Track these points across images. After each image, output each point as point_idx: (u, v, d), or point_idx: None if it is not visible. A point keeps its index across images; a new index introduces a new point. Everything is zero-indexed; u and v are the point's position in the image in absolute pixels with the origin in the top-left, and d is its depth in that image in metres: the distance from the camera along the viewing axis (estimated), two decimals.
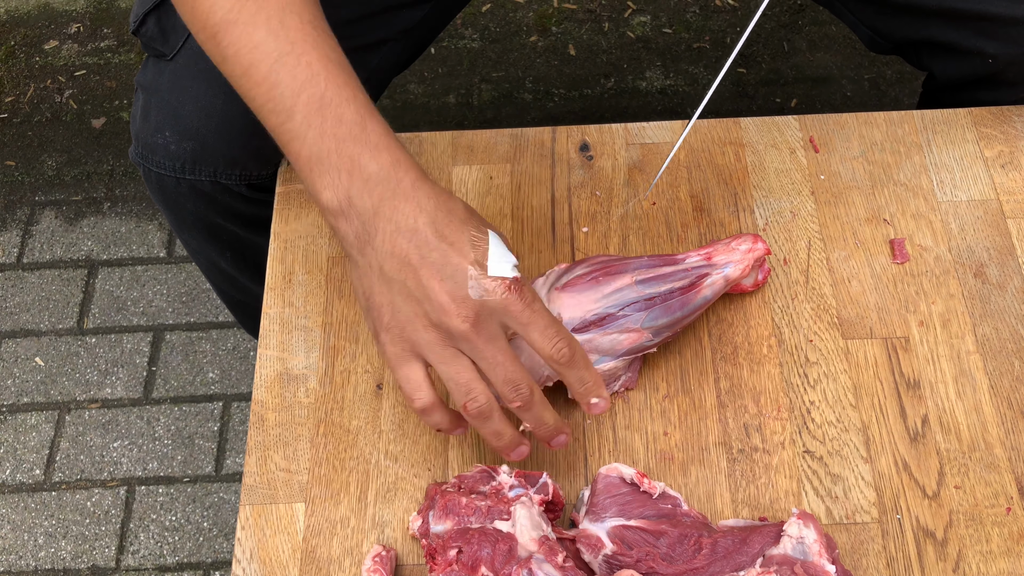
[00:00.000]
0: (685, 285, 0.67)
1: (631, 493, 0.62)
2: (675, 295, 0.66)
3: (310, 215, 0.78)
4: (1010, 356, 0.70)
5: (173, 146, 0.77)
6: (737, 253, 0.69)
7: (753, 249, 0.69)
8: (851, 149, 0.79)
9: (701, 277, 0.68)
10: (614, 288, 0.66)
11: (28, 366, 1.34)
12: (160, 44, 0.77)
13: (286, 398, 0.70)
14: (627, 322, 0.65)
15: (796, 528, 0.59)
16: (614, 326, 0.65)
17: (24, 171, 1.52)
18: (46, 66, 1.62)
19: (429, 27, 0.89)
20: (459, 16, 1.64)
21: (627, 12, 1.63)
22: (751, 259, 0.69)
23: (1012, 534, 0.63)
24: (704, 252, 0.69)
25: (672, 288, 0.66)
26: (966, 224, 0.75)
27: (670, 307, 0.66)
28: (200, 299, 1.39)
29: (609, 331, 0.65)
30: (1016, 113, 0.80)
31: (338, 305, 0.73)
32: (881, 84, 1.52)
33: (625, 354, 0.66)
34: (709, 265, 0.68)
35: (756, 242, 0.69)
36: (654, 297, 0.66)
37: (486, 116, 1.53)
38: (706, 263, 0.68)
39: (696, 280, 0.67)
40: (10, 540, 1.22)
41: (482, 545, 0.56)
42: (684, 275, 0.67)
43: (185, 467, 1.27)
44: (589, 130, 0.81)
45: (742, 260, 0.69)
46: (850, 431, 0.67)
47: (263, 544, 0.64)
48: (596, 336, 0.65)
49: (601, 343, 0.65)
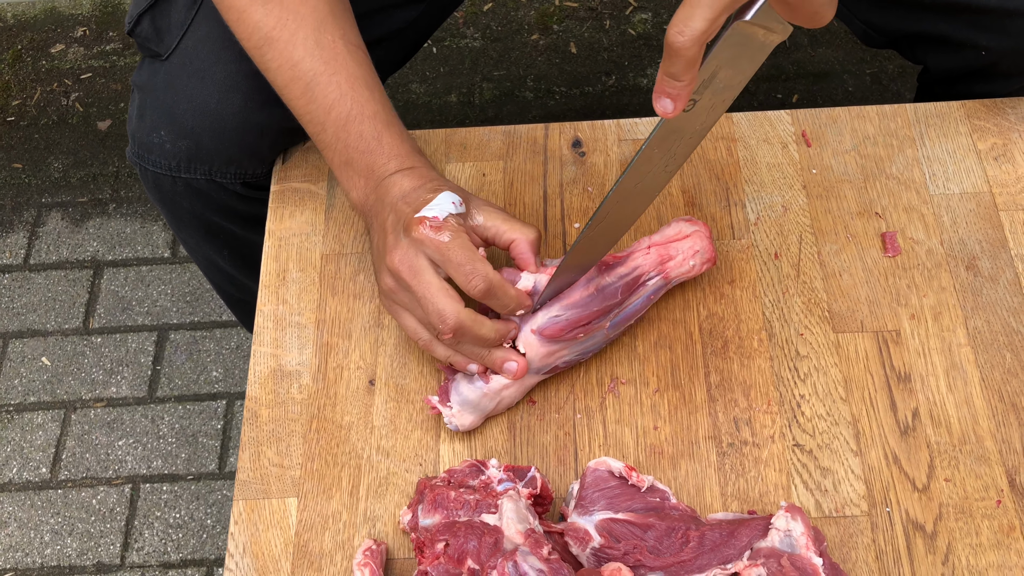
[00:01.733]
0: (641, 303, 0.68)
1: (620, 487, 0.63)
2: (633, 315, 0.68)
3: (304, 213, 0.78)
4: (1001, 349, 0.69)
5: (168, 145, 0.77)
6: (685, 260, 0.68)
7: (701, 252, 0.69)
8: (843, 143, 0.79)
9: (655, 291, 0.68)
10: (591, 342, 0.67)
11: (35, 366, 1.36)
12: (155, 44, 0.78)
13: (279, 394, 0.71)
14: (591, 349, 0.68)
15: (783, 521, 0.59)
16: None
17: (31, 173, 1.54)
18: (52, 69, 1.64)
19: (423, 26, 0.90)
20: (461, 15, 1.64)
21: (628, 10, 1.63)
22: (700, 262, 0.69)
23: (1002, 527, 0.63)
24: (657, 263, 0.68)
25: (634, 309, 0.68)
26: (958, 217, 0.75)
27: (625, 320, 0.68)
28: (204, 299, 1.40)
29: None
30: (1010, 105, 0.80)
31: (331, 302, 0.74)
32: (883, 79, 1.52)
33: None
34: (663, 279, 0.68)
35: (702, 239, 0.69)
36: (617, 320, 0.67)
37: (487, 115, 1.54)
38: (662, 280, 0.68)
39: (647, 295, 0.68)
40: (17, 537, 1.23)
41: (468, 538, 0.56)
42: (644, 294, 0.68)
43: (189, 465, 1.28)
44: (581, 126, 0.82)
45: (692, 266, 0.69)
46: (840, 424, 0.67)
47: (256, 538, 0.65)
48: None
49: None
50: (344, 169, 0.68)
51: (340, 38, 0.67)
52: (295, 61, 0.66)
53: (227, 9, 0.68)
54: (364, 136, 0.67)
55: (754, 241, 0.75)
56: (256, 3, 0.66)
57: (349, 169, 0.67)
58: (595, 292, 0.65)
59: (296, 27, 0.66)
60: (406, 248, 0.62)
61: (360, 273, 0.75)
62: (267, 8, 0.66)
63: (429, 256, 0.62)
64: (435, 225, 0.62)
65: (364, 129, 0.67)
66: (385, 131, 0.67)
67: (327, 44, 0.67)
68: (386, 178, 0.66)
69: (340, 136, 0.67)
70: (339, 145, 0.67)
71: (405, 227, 0.63)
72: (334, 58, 0.67)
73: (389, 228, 0.64)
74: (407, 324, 0.66)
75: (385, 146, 0.67)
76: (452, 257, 0.62)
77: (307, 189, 0.79)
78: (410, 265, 0.62)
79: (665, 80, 0.50)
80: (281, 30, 0.66)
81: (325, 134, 0.67)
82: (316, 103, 0.67)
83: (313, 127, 0.68)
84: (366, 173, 0.67)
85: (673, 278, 0.68)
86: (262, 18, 0.66)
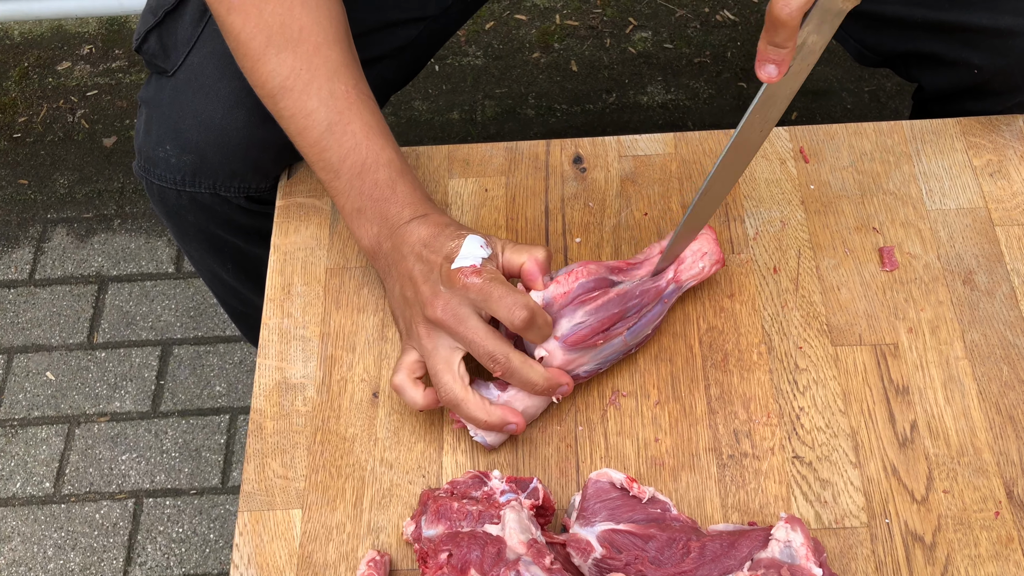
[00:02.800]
0: (660, 311, 0.70)
1: (621, 498, 0.63)
2: (650, 322, 0.69)
3: (309, 228, 0.79)
4: (999, 362, 0.70)
5: (174, 159, 0.79)
6: (694, 263, 0.70)
7: (713, 259, 0.71)
8: (841, 159, 0.80)
9: (669, 296, 0.70)
10: (611, 349, 0.68)
11: (39, 380, 1.37)
12: (161, 61, 0.79)
13: (284, 407, 0.71)
14: (610, 359, 0.69)
15: (783, 532, 0.60)
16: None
17: (37, 189, 1.55)
18: (59, 87, 1.66)
19: (425, 46, 0.91)
20: (463, 34, 1.66)
21: (628, 28, 1.65)
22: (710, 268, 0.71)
23: (1000, 538, 0.63)
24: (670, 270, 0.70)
25: (651, 317, 0.69)
26: (955, 232, 0.76)
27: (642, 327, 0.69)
28: (208, 314, 1.41)
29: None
30: (1004, 123, 0.81)
31: (336, 316, 0.75)
32: (881, 96, 1.53)
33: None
34: (676, 283, 0.70)
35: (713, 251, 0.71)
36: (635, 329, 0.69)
37: (489, 132, 1.55)
38: (675, 284, 0.70)
39: (663, 299, 0.70)
40: (20, 552, 1.24)
41: (471, 548, 0.57)
42: (659, 301, 0.69)
43: (192, 479, 1.28)
44: (582, 143, 0.83)
45: (701, 268, 0.71)
46: (839, 436, 0.68)
47: (260, 550, 0.66)
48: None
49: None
50: (356, 216, 0.69)
51: (353, 88, 0.69)
52: (309, 111, 0.68)
53: (242, 57, 0.69)
54: (379, 184, 0.68)
55: (753, 255, 0.76)
56: (270, 52, 0.68)
57: (361, 216, 0.68)
58: (615, 297, 0.67)
59: (310, 77, 0.68)
60: (447, 298, 0.64)
61: (364, 287, 0.76)
62: (280, 58, 0.68)
63: (472, 301, 0.63)
64: (475, 270, 0.64)
65: (379, 177, 0.68)
66: (399, 179, 0.68)
67: (341, 94, 0.68)
68: (401, 226, 0.67)
69: (354, 184, 0.68)
70: (352, 192, 0.68)
71: (446, 279, 0.64)
72: (348, 108, 0.68)
73: (419, 279, 0.65)
74: (431, 367, 0.66)
75: (399, 194, 0.68)
76: (493, 293, 0.63)
77: (312, 204, 0.80)
78: (454, 313, 0.63)
79: (769, 49, 0.56)
80: (295, 80, 0.68)
81: (339, 181, 0.69)
82: (331, 151, 0.68)
83: (326, 174, 0.69)
84: (379, 220, 0.68)
85: (684, 281, 0.70)
86: (276, 67, 0.68)
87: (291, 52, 0.68)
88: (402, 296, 0.67)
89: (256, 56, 0.68)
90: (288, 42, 0.68)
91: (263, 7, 0.67)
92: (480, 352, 0.64)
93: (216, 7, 0.68)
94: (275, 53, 0.68)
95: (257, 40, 0.67)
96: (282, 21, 0.67)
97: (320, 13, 0.68)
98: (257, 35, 0.67)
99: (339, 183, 0.69)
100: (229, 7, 0.67)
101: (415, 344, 0.66)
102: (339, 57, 0.69)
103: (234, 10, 0.67)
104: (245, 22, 0.67)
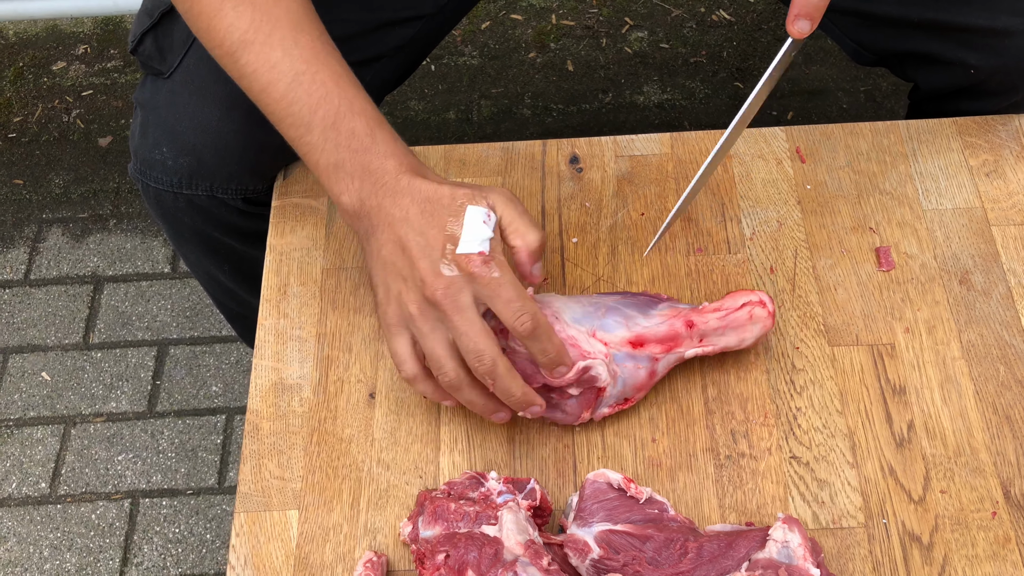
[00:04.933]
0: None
1: (618, 498, 0.63)
2: None
3: (305, 228, 0.79)
4: (995, 362, 0.70)
5: (170, 162, 0.78)
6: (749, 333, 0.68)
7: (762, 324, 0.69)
8: (837, 159, 0.80)
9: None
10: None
11: (35, 381, 1.36)
12: (157, 63, 0.79)
13: (280, 407, 0.71)
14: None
15: (781, 532, 0.60)
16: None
17: (32, 189, 1.55)
18: (54, 86, 1.65)
19: (421, 45, 0.91)
20: (459, 33, 1.66)
21: (625, 28, 1.65)
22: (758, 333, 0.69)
23: (998, 538, 0.64)
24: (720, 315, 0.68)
25: None
26: (951, 232, 0.76)
27: None
28: (204, 314, 1.41)
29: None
30: (1000, 122, 0.81)
31: (332, 316, 0.75)
32: (877, 96, 1.53)
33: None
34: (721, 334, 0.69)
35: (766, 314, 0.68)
36: None
37: (485, 132, 1.55)
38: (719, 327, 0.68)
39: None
40: (16, 553, 1.23)
41: (468, 549, 0.57)
42: None
43: (188, 480, 1.28)
44: (579, 143, 0.83)
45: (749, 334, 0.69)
46: (836, 437, 0.68)
47: (257, 551, 0.65)
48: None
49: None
50: (334, 172, 0.63)
51: (317, 39, 0.65)
52: (273, 62, 0.63)
53: (197, 16, 0.65)
54: (356, 134, 0.63)
55: (750, 256, 0.76)
56: (227, 7, 0.63)
57: (340, 171, 0.63)
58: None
59: (272, 28, 0.63)
60: (449, 281, 0.60)
61: (360, 287, 0.76)
62: (239, 11, 0.63)
63: (475, 291, 0.61)
64: (485, 260, 0.60)
65: (356, 126, 0.63)
66: (377, 128, 0.64)
67: (306, 44, 0.64)
68: (389, 181, 0.62)
69: (329, 136, 0.63)
70: (328, 145, 0.63)
71: (450, 261, 0.60)
72: (315, 57, 0.64)
73: (416, 252, 0.61)
74: (401, 351, 0.64)
75: (380, 143, 0.63)
76: (502, 293, 0.60)
77: (308, 204, 0.80)
78: (454, 299, 0.60)
79: (804, 4, 0.59)
80: (256, 32, 0.63)
81: (311, 135, 0.63)
82: (300, 103, 0.63)
83: (296, 130, 0.64)
84: (361, 174, 0.63)
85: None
86: (234, 20, 0.63)
87: (249, 4, 0.63)
88: (390, 264, 0.62)
89: (213, 11, 0.63)
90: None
91: None
92: (468, 346, 0.61)
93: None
94: (232, 6, 0.63)
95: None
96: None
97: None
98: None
99: (311, 137, 0.63)
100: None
101: (406, 322, 0.62)
102: (300, 8, 0.65)
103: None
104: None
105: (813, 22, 0.59)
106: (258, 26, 0.63)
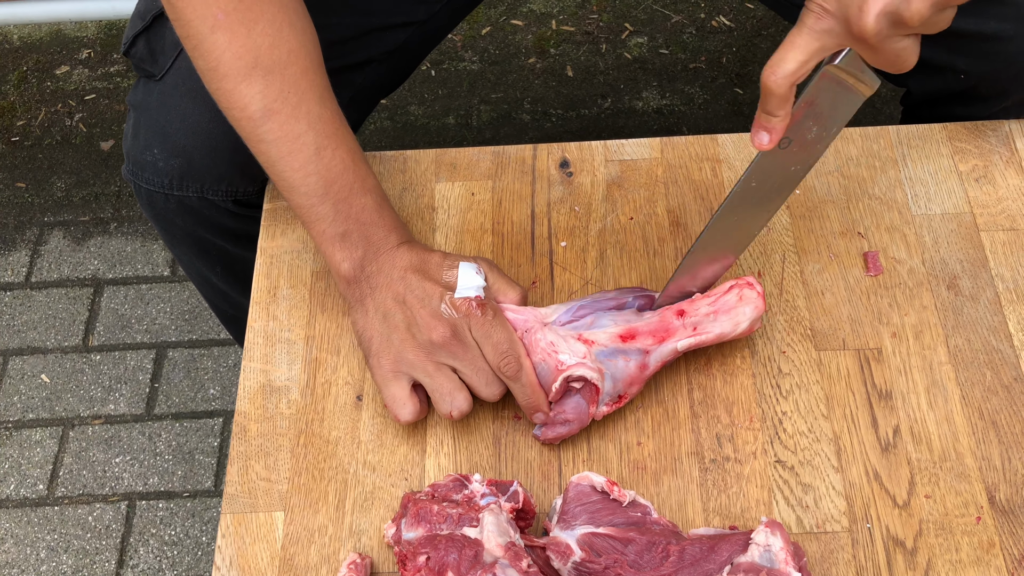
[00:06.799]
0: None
1: (601, 501, 0.63)
2: None
3: (296, 231, 0.80)
4: (982, 367, 0.70)
5: (161, 163, 0.79)
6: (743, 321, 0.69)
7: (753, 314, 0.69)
8: (826, 164, 0.81)
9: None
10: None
11: (34, 383, 1.37)
12: (149, 65, 0.80)
13: (268, 409, 0.71)
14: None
15: (763, 536, 0.60)
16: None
17: (34, 192, 1.56)
18: (57, 91, 1.66)
19: (415, 50, 0.91)
20: (459, 39, 1.67)
21: (624, 34, 1.65)
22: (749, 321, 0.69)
23: (982, 543, 0.63)
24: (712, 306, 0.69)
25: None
26: (940, 237, 0.76)
27: None
28: (202, 317, 1.42)
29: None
30: (990, 128, 0.81)
31: (321, 319, 0.75)
32: (876, 102, 1.53)
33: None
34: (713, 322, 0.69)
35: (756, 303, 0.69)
36: None
37: (485, 136, 1.56)
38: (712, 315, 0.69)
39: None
40: (13, 554, 1.24)
41: (449, 551, 0.57)
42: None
43: (185, 482, 1.28)
44: (569, 147, 0.83)
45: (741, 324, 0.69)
46: (821, 441, 0.68)
47: (243, 552, 0.66)
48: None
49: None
50: (340, 240, 0.68)
51: (337, 114, 0.69)
52: (297, 134, 0.67)
53: (221, 78, 0.66)
54: (367, 208, 0.68)
55: (738, 260, 0.76)
56: (256, 74, 0.65)
57: (346, 240, 0.68)
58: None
59: (299, 100, 0.66)
60: (450, 321, 0.65)
61: None
62: (268, 80, 0.66)
63: (470, 330, 0.66)
64: (480, 303, 0.66)
65: (367, 202, 0.68)
66: (384, 205, 0.70)
67: (328, 119, 0.68)
68: (389, 249, 0.68)
69: (341, 208, 0.68)
70: (339, 217, 0.68)
71: (449, 306, 0.66)
72: (335, 132, 0.68)
73: (415, 302, 0.66)
74: (399, 395, 0.67)
75: (386, 219, 0.69)
76: (493, 335, 0.65)
77: None
78: (458, 336, 0.65)
79: (762, 116, 0.58)
80: (283, 102, 0.66)
81: (323, 206, 0.68)
82: (317, 176, 0.67)
83: (308, 199, 0.68)
84: (364, 244, 0.68)
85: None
86: (263, 89, 0.65)
87: (279, 74, 0.66)
88: (391, 317, 0.66)
89: (240, 77, 0.65)
90: (276, 64, 0.65)
91: (252, 27, 0.64)
92: (471, 382, 0.66)
93: (197, 25, 0.64)
94: (262, 75, 0.65)
95: (244, 60, 0.65)
96: (271, 42, 0.65)
97: (306, 37, 0.68)
98: (244, 55, 0.65)
99: (323, 208, 0.68)
100: (214, 25, 0.64)
101: (405, 368, 0.66)
102: (323, 82, 0.69)
103: (219, 28, 0.64)
104: (231, 41, 0.64)
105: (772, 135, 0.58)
106: (286, 97, 0.66)
